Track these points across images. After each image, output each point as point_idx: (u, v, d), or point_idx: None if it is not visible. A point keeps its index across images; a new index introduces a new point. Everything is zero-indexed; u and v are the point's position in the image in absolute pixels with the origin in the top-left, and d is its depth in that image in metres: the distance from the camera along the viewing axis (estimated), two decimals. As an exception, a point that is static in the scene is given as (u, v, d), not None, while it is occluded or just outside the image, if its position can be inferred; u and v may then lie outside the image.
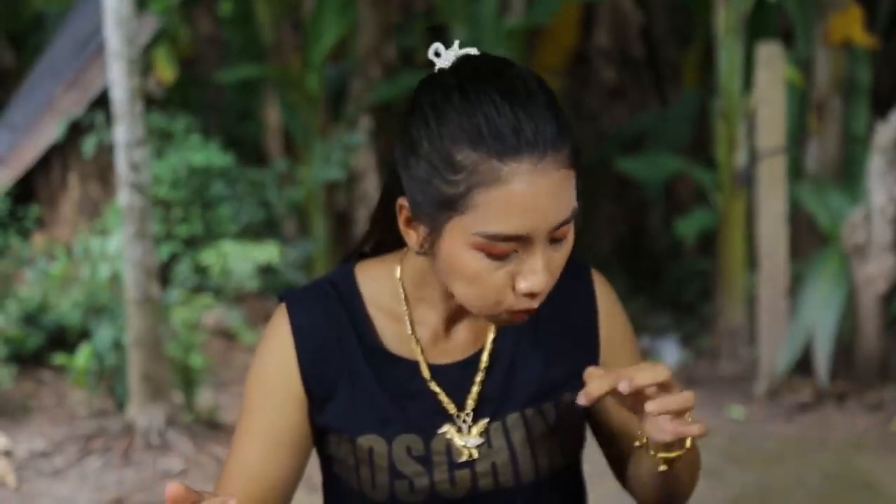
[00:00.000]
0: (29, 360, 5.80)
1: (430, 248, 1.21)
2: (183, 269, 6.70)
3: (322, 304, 1.32)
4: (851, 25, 6.30)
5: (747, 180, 6.30)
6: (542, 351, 1.33)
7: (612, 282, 1.44)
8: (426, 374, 1.30)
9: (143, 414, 4.74)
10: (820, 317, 5.64)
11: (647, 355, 6.75)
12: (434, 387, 1.30)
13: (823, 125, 6.50)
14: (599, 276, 1.39)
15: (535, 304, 1.20)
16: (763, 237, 5.91)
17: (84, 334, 5.65)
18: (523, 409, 1.30)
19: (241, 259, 6.55)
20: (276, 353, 1.31)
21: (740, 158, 6.34)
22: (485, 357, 1.32)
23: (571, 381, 1.32)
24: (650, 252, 9.18)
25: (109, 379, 5.12)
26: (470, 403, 1.30)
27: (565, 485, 1.35)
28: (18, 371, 5.58)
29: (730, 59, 6.35)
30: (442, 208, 1.17)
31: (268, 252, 6.66)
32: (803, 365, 5.79)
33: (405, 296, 1.31)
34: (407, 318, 1.31)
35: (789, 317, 5.83)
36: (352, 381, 1.30)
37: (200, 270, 6.72)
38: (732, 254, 6.51)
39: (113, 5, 4.64)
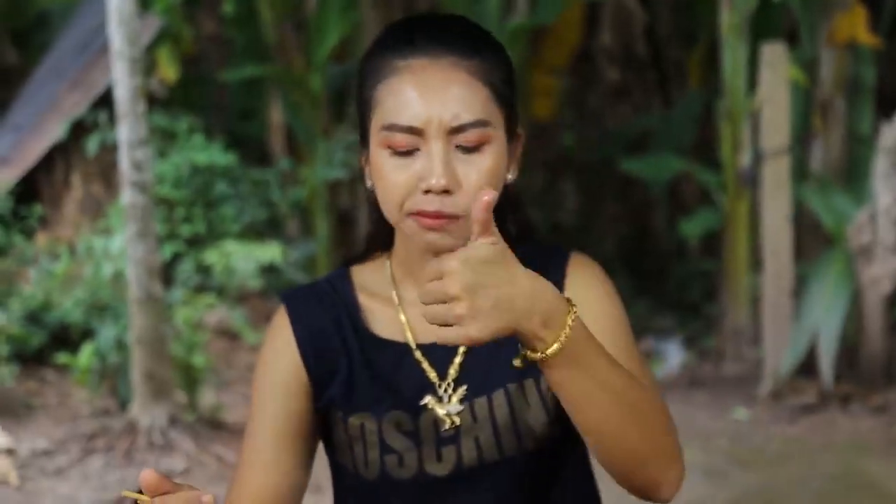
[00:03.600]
0: (32, 359, 5.80)
1: (370, 173, 1.31)
2: (186, 269, 6.70)
3: (318, 297, 1.39)
4: (856, 25, 6.28)
5: (751, 181, 6.29)
6: None
7: (615, 282, 1.42)
8: (414, 352, 1.34)
9: (145, 413, 4.73)
10: (824, 318, 5.62)
11: (650, 356, 6.74)
12: (421, 363, 1.34)
13: (828, 125, 6.49)
14: (578, 256, 1.38)
15: (434, 205, 1.22)
16: (767, 238, 5.90)
17: (87, 333, 5.65)
18: (507, 384, 1.33)
19: (243, 258, 6.55)
20: (278, 346, 1.37)
21: (744, 159, 6.33)
22: None
23: None
24: (654, 252, 9.17)
25: (112, 378, 5.12)
26: (451, 373, 1.33)
27: (553, 461, 1.36)
28: (21, 370, 5.58)
29: (734, 59, 6.34)
30: (364, 118, 1.28)
31: (270, 251, 6.66)
32: (807, 366, 5.77)
33: (393, 279, 1.37)
34: (395, 299, 1.36)
35: (794, 318, 5.81)
36: (348, 366, 1.35)
37: (203, 270, 6.72)
38: (737, 254, 6.49)
39: (116, 5, 4.63)
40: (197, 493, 1.09)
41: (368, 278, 1.39)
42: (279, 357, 1.36)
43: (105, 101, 6.51)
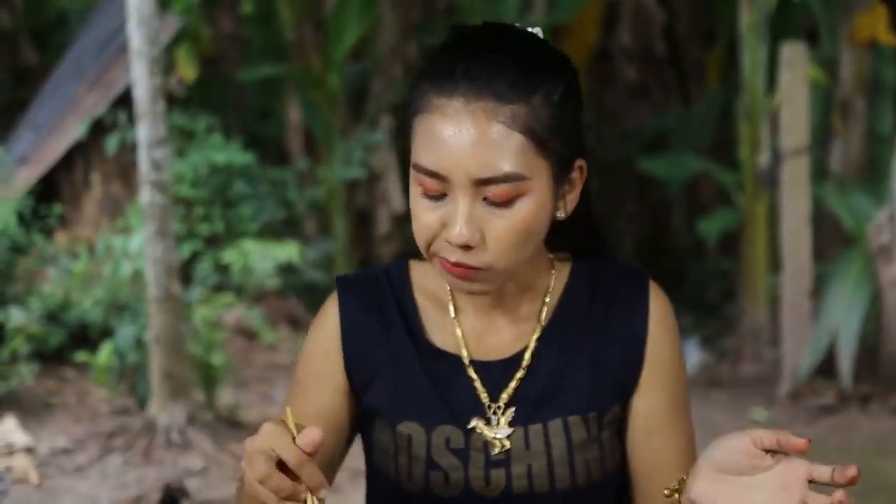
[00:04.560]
0: (51, 358, 5.83)
1: None
2: (204, 268, 6.72)
3: (373, 291, 1.34)
4: (876, 25, 6.25)
5: (770, 180, 6.26)
6: (592, 358, 1.31)
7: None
8: (468, 368, 1.30)
9: (164, 412, 4.75)
10: (844, 318, 5.59)
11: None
12: (475, 381, 1.29)
13: (848, 125, 6.45)
14: (656, 289, 1.36)
15: (455, 256, 1.19)
16: (786, 238, 5.88)
17: (106, 332, 5.68)
18: (567, 416, 1.28)
19: (261, 258, 6.57)
20: (321, 338, 1.34)
21: (763, 158, 6.30)
22: (527, 355, 1.30)
23: (618, 394, 1.31)
24: (672, 252, 9.15)
25: (131, 377, 5.14)
26: (504, 397, 1.29)
27: (602, 498, 1.32)
28: (41, 368, 5.60)
29: (753, 59, 6.32)
30: (407, 138, 1.23)
31: (288, 251, 6.68)
32: (826, 367, 5.75)
33: (451, 292, 1.32)
34: (453, 313, 1.32)
35: (813, 318, 5.79)
36: (396, 370, 1.30)
37: (221, 269, 6.74)
38: (755, 254, 6.47)
39: (135, 4, 4.65)
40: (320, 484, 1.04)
41: (427, 279, 1.34)
42: (320, 351, 1.33)
43: (124, 100, 6.54)
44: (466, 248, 1.19)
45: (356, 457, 1.43)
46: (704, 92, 8.90)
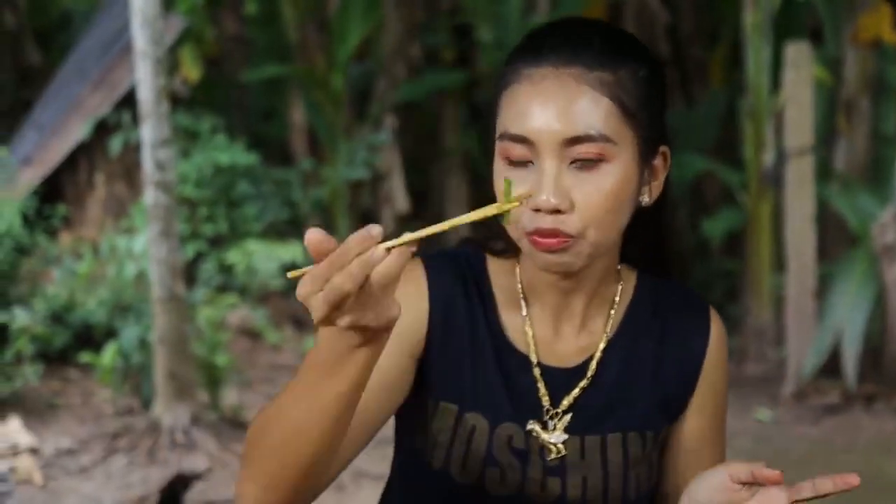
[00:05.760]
0: (56, 359, 5.83)
1: None
2: (208, 268, 6.73)
3: (458, 271, 1.31)
4: (881, 25, 6.24)
5: (775, 180, 6.26)
6: (651, 377, 1.32)
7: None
8: (535, 369, 1.30)
9: (168, 412, 4.75)
10: (848, 318, 5.59)
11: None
12: (538, 383, 1.29)
13: (852, 125, 6.44)
14: (716, 315, 1.37)
15: (546, 222, 1.17)
16: (791, 237, 5.87)
17: (110, 333, 5.68)
18: (627, 430, 1.29)
19: (265, 258, 6.57)
20: (408, 296, 1.24)
21: (768, 158, 6.30)
22: (593, 365, 1.30)
23: (670, 413, 1.33)
24: (676, 252, 9.13)
25: (135, 377, 5.15)
26: (565, 403, 1.29)
27: None
28: (45, 369, 5.61)
29: (757, 59, 6.31)
30: (491, 124, 1.24)
31: (292, 251, 6.68)
32: (831, 366, 5.74)
33: (523, 292, 1.32)
34: (524, 309, 1.31)
35: (817, 318, 5.78)
36: (472, 356, 1.28)
37: (225, 269, 6.74)
38: (760, 254, 6.46)
39: (139, 5, 4.66)
40: (363, 231, 0.99)
41: (502, 276, 1.32)
42: (406, 303, 1.17)
43: (128, 101, 6.55)
44: (557, 213, 1.18)
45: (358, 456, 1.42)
46: (708, 92, 8.89)
